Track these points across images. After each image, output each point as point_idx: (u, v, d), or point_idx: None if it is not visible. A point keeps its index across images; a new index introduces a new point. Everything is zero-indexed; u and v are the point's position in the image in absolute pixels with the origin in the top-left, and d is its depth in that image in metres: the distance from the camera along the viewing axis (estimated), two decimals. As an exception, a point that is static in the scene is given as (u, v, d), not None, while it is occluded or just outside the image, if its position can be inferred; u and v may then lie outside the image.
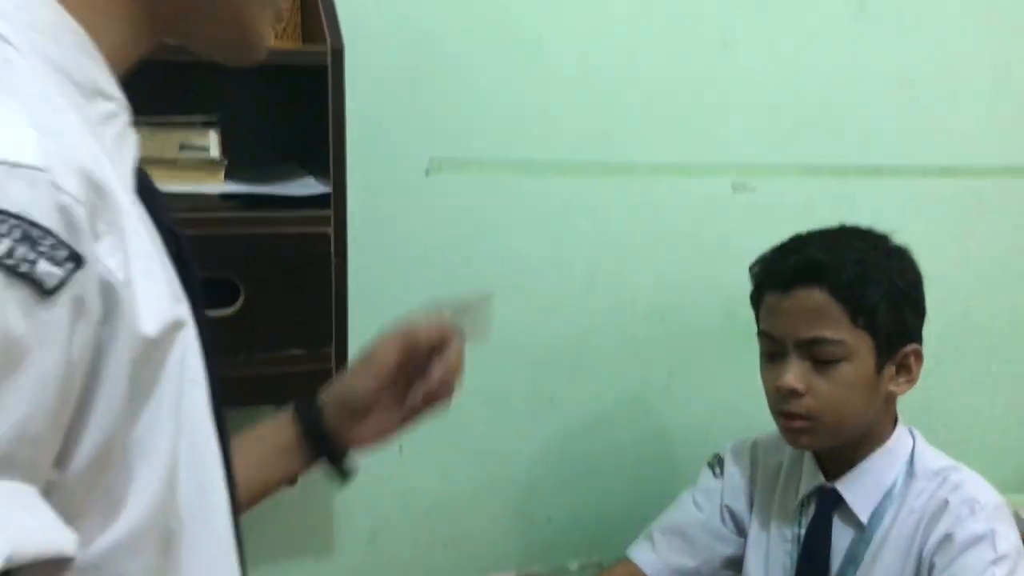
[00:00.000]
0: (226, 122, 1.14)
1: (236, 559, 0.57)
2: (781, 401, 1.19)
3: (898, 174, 1.74)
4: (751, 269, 1.26)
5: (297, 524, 1.42)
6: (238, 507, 0.60)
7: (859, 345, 1.16)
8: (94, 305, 0.43)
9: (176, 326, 0.49)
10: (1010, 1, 1.77)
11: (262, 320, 1.11)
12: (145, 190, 0.53)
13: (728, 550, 1.32)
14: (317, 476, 1.46)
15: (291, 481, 1.25)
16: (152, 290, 0.47)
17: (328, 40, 1.09)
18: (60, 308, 0.41)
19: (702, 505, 1.34)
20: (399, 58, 1.37)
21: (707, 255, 1.58)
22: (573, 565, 1.54)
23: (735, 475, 1.31)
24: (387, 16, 1.35)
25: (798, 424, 1.18)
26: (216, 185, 1.11)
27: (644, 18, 1.52)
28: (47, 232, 0.40)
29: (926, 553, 1.12)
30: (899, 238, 1.26)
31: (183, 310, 0.50)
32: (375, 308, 1.32)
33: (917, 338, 1.20)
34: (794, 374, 1.16)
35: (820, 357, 1.16)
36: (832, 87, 1.67)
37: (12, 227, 0.39)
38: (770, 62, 1.62)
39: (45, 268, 0.40)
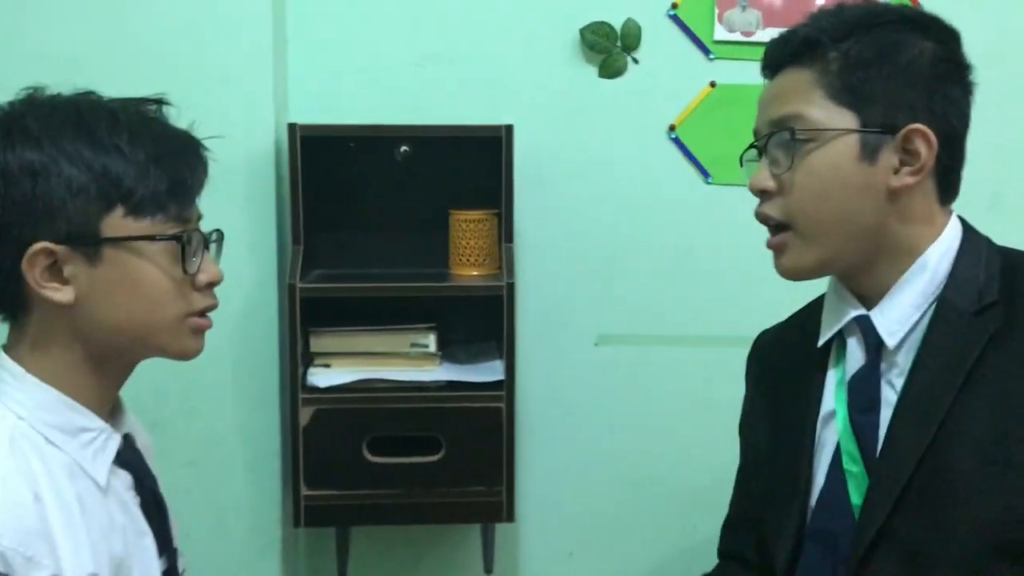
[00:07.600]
0: (446, 323, 1.69)
1: None
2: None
3: None
4: None
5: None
6: None
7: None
8: None
9: None
10: None
11: (456, 465, 1.63)
12: (126, 461, 0.98)
13: None
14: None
15: None
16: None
17: (504, 277, 1.60)
18: None
19: None
20: (579, 267, 1.86)
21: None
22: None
23: None
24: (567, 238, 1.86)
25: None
26: (432, 371, 1.65)
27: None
28: None
29: None
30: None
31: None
32: (542, 456, 1.86)
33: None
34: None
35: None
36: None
37: None
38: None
39: None
